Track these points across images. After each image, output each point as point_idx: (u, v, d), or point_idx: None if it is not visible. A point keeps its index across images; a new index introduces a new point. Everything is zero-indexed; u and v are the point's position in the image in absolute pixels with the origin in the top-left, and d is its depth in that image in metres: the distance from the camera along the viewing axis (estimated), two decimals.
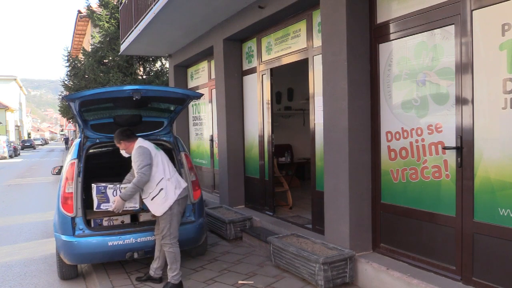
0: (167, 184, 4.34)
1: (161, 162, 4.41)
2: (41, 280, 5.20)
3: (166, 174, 4.39)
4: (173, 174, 4.49)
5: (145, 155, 4.31)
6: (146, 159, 4.29)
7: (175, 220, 4.38)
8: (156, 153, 4.43)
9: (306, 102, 6.75)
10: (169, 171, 4.43)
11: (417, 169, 4.07)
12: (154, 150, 4.45)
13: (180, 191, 4.42)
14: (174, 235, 4.39)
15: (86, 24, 21.72)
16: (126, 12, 9.94)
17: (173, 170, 4.54)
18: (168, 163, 4.52)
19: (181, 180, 4.59)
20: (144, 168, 4.26)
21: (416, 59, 4.05)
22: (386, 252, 4.44)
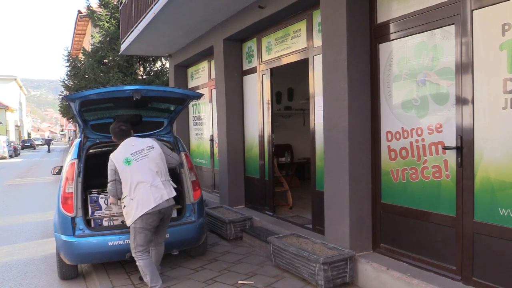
0: (130, 202, 4.17)
1: (130, 178, 4.17)
2: (41, 280, 5.20)
3: (133, 192, 4.16)
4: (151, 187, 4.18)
5: (110, 170, 4.24)
6: (110, 175, 4.23)
7: (139, 235, 4.18)
8: (123, 169, 4.18)
9: (306, 102, 6.75)
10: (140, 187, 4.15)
11: (417, 169, 4.07)
12: (123, 166, 4.18)
13: (148, 208, 4.10)
14: (139, 249, 4.21)
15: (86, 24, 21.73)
16: (126, 12, 9.94)
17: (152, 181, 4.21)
18: (147, 174, 4.21)
19: (164, 192, 4.25)
20: (109, 183, 4.26)
21: (416, 59, 4.05)
22: (386, 252, 4.44)
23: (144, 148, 4.37)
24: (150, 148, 4.40)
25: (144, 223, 4.15)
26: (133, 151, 4.31)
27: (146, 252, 4.26)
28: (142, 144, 4.41)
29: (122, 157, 4.25)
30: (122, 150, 4.35)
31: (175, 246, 5.00)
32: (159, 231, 4.48)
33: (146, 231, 4.19)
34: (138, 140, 4.50)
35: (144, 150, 4.35)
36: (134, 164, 4.22)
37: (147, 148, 4.38)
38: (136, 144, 4.40)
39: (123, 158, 4.24)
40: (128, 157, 4.25)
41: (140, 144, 4.40)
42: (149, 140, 4.52)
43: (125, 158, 4.24)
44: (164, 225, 4.50)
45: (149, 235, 4.25)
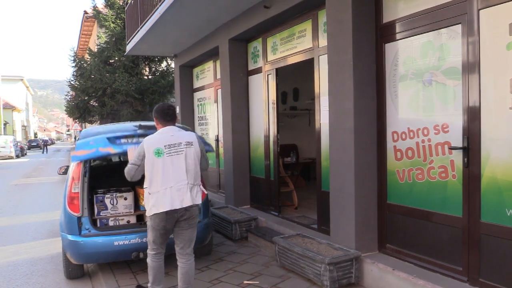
0: (147, 196, 3.83)
1: (152, 171, 3.77)
2: (47, 279, 5.22)
3: (153, 186, 3.78)
4: (171, 188, 3.77)
5: (137, 153, 3.85)
6: (136, 158, 3.84)
7: (150, 232, 3.92)
8: (152, 159, 3.76)
9: (311, 102, 6.74)
10: (159, 185, 3.76)
11: (423, 169, 4.05)
12: (152, 156, 3.75)
13: (161, 211, 3.76)
14: (150, 246, 3.97)
15: (92, 24, 21.82)
16: (131, 12, 9.97)
17: (176, 182, 3.79)
18: (172, 173, 3.79)
19: (187, 196, 3.83)
20: (129, 165, 3.88)
21: (422, 58, 4.03)
22: (392, 253, 4.42)
23: (182, 142, 3.86)
24: (189, 144, 3.89)
25: (153, 222, 3.85)
26: (169, 143, 3.82)
27: (158, 254, 3.98)
28: (181, 137, 3.89)
29: (155, 146, 3.79)
30: (158, 137, 3.87)
31: None
32: (178, 236, 3.98)
33: (155, 231, 3.87)
34: (179, 132, 3.96)
35: (181, 144, 3.85)
36: (164, 157, 3.77)
37: (185, 143, 3.87)
38: (175, 135, 3.89)
39: (155, 148, 3.78)
40: (161, 148, 3.78)
41: (179, 137, 3.88)
42: (190, 135, 3.99)
43: (157, 148, 3.77)
44: (182, 230, 3.95)
45: (159, 236, 3.89)
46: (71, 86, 18.45)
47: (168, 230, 3.91)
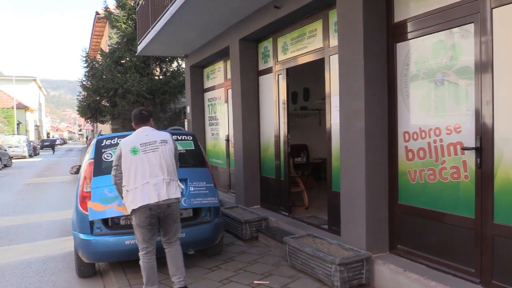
0: (126, 194, 4.03)
1: (130, 168, 3.99)
2: (59, 277, 5.28)
3: (130, 183, 3.98)
4: (148, 184, 3.95)
5: (116, 155, 4.12)
6: (115, 159, 4.11)
7: (137, 232, 4.06)
8: (129, 157, 4.00)
9: (322, 102, 6.72)
10: (138, 180, 3.96)
11: (435, 169, 4.02)
12: (129, 154, 3.99)
13: (138, 206, 3.93)
14: (140, 246, 4.09)
15: (104, 25, 21.96)
16: (143, 13, 10.03)
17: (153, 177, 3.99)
18: (148, 169, 3.99)
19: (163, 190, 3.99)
20: (113, 168, 4.14)
21: (434, 58, 4.00)
22: (403, 254, 4.39)
23: (157, 140, 4.12)
24: (163, 142, 4.15)
25: (137, 220, 3.99)
26: (144, 141, 4.08)
27: (148, 254, 4.09)
28: (156, 136, 4.17)
29: (131, 145, 4.05)
30: (133, 138, 4.16)
31: (191, 246, 5.02)
32: (164, 229, 4.18)
33: (141, 228, 4.01)
34: (153, 131, 4.24)
35: (156, 142, 4.11)
36: (140, 155, 4.01)
37: (160, 141, 4.13)
38: (150, 135, 4.16)
39: (131, 146, 4.04)
40: (136, 146, 4.04)
41: (153, 136, 4.16)
42: (164, 134, 4.27)
43: (133, 147, 4.03)
44: (168, 224, 4.15)
45: (146, 233, 4.03)
46: (83, 86, 18.61)
47: (154, 225, 4.07)
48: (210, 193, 5.13)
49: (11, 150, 30.08)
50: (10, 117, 43.12)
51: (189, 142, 5.47)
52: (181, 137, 5.42)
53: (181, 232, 4.86)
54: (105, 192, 4.44)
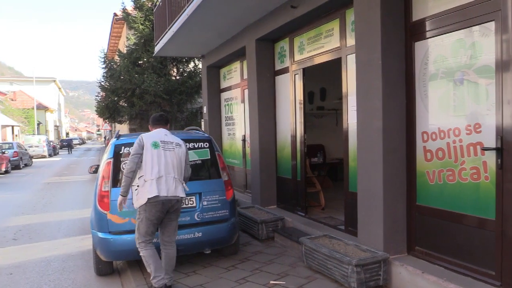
0: (143, 184, 4.21)
1: (151, 160, 4.22)
2: (78, 275, 5.35)
3: (148, 174, 4.20)
4: (162, 178, 4.20)
5: (136, 144, 4.30)
6: (135, 148, 4.28)
7: (142, 225, 4.24)
8: (150, 149, 4.25)
9: (339, 102, 6.68)
10: (155, 172, 4.19)
11: (454, 170, 3.96)
12: (150, 147, 4.25)
13: (152, 195, 4.13)
14: (142, 239, 4.27)
15: (122, 26, 22.18)
16: (160, 14, 10.11)
17: (167, 172, 4.24)
18: (165, 164, 4.25)
19: (172, 187, 4.24)
20: (131, 156, 4.28)
21: (453, 57, 3.94)
22: (422, 255, 4.33)
23: (173, 142, 4.44)
24: (178, 145, 4.47)
25: (147, 213, 4.19)
26: (164, 140, 4.39)
27: (149, 243, 4.29)
28: (173, 138, 4.49)
29: (152, 139, 4.34)
30: (155, 134, 4.46)
31: (207, 245, 5.05)
32: (166, 226, 4.40)
33: (148, 221, 4.22)
34: (171, 133, 4.58)
35: (173, 143, 4.42)
36: (160, 150, 4.30)
37: (176, 143, 4.45)
38: (168, 135, 4.49)
39: (153, 140, 4.32)
40: (157, 141, 4.33)
41: (171, 138, 4.48)
42: (179, 139, 4.57)
43: (154, 141, 4.32)
44: (171, 221, 4.40)
45: (151, 227, 4.27)
46: (101, 87, 18.83)
47: (159, 220, 4.31)
48: (222, 206, 5.18)
49: (32, 150, 30.65)
50: (30, 118, 43.93)
51: (204, 151, 5.37)
52: (198, 145, 5.35)
53: (197, 232, 4.91)
54: (124, 206, 4.48)
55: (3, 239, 7.36)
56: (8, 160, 21.10)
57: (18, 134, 39.53)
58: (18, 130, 40.11)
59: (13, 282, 5.19)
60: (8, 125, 37.23)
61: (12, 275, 5.44)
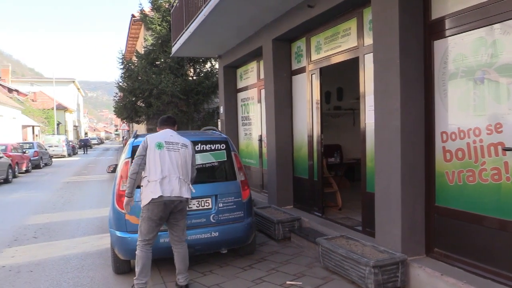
0: (147, 184, 4.24)
1: (154, 161, 4.24)
2: (96, 273, 5.41)
3: (152, 175, 4.22)
4: (165, 179, 4.22)
5: (141, 146, 4.34)
6: (140, 150, 4.33)
7: (144, 224, 4.27)
8: (154, 150, 4.26)
9: (356, 101, 6.63)
10: (159, 173, 4.20)
11: (474, 171, 3.89)
12: (154, 148, 4.27)
13: (155, 196, 4.15)
14: (142, 238, 4.29)
15: (140, 27, 22.39)
16: (177, 14, 10.18)
17: (171, 173, 4.25)
18: (169, 165, 4.26)
19: (177, 187, 4.25)
20: (136, 158, 4.31)
21: (473, 56, 3.87)
22: (440, 257, 4.27)
23: (179, 142, 4.44)
24: (184, 146, 4.46)
25: (150, 212, 4.22)
26: (169, 140, 4.40)
27: (149, 245, 4.31)
28: (179, 139, 4.49)
29: (157, 140, 4.36)
30: (160, 135, 4.49)
31: (224, 245, 5.06)
32: (174, 227, 4.43)
33: (151, 221, 4.25)
34: (177, 134, 4.59)
35: (178, 144, 4.42)
36: (164, 151, 4.31)
37: (181, 144, 4.45)
38: (174, 136, 4.50)
39: (157, 141, 4.34)
40: (162, 142, 4.35)
41: (177, 138, 4.48)
42: (186, 140, 4.56)
43: (159, 142, 4.34)
44: (177, 221, 4.41)
45: (153, 227, 4.28)
46: (119, 87, 19.02)
47: (162, 220, 4.34)
48: (238, 207, 5.18)
49: (51, 150, 31.15)
50: (50, 118, 44.69)
51: (221, 153, 5.36)
52: (214, 147, 5.34)
53: (214, 231, 4.92)
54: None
55: (23, 237, 7.50)
56: (28, 160, 21.49)
57: (39, 134, 40.27)
58: (38, 130, 40.86)
59: (34, 280, 5.28)
60: (28, 125, 37.95)
61: (32, 273, 5.54)
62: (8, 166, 16.74)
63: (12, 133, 31.25)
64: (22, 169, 20.08)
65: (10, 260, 6.12)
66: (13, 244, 7.00)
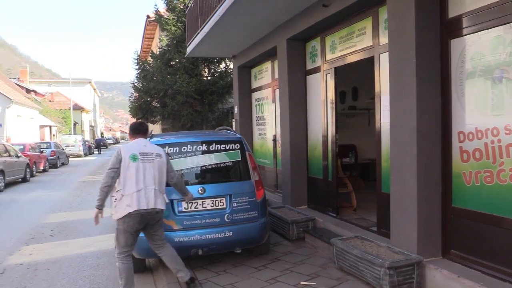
0: (120, 198, 4.19)
1: (129, 174, 4.16)
2: (112, 272, 5.46)
3: (127, 188, 4.16)
4: (141, 191, 4.16)
5: (114, 157, 4.24)
6: (112, 162, 4.22)
7: (120, 236, 4.22)
8: (128, 163, 4.17)
9: (371, 101, 6.57)
10: (133, 186, 4.15)
11: (492, 172, 3.82)
12: (129, 160, 4.18)
13: (131, 210, 4.12)
14: (120, 250, 4.24)
15: (155, 28, 22.52)
16: (192, 15, 10.22)
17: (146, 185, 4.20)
18: (144, 177, 4.20)
19: (152, 199, 4.21)
20: (108, 170, 4.22)
21: (492, 54, 3.81)
22: (457, 259, 4.21)
23: (153, 153, 4.35)
24: (158, 155, 4.37)
25: (126, 225, 4.17)
26: (143, 151, 4.30)
27: (127, 257, 4.27)
28: (152, 149, 4.40)
29: (131, 152, 4.25)
30: (133, 146, 4.37)
31: (238, 244, 5.06)
32: (153, 237, 4.42)
33: (127, 233, 4.20)
34: (151, 144, 4.52)
35: (152, 154, 4.33)
36: (139, 163, 4.22)
37: (155, 154, 4.36)
38: (148, 146, 4.41)
39: (131, 153, 4.24)
40: (136, 154, 4.25)
41: (151, 148, 4.40)
42: (159, 149, 4.49)
43: (133, 154, 4.24)
44: (155, 231, 4.40)
45: (130, 238, 4.24)
46: (135, 87, 19.17)
47: (138, 231, 4.29)
48: (252, 207, 5.18)
49: (68, 149, 31.55)
50: (67, 118, 45.31)
51: (235, 153, 5.34)
52: (228, 147, 5.32)
53: (228, 231, 4.93)
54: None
55: (41, 235, 7.61)
56: (46, 159, 21.81)
57: (56, 134, 40.86)
58: (55, 130, 41.46)
59: (51, 277, 5.36)
60: (46, 125, 38.51)
61: (49, 270, 5.62)
62: (26, 165, 17.01)
63: (30, 133, 31.77)
64: (39, 169, 20.38)
65: (28, 257, 6.22)
66: (31, 242, 7.11)
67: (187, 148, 5.17)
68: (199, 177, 5.22)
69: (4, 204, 11.26)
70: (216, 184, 5.15)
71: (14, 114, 29.34)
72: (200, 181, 5.18)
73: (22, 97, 34.14)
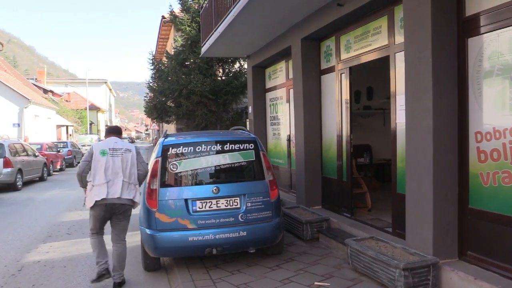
0: (91, 188, 4.67)
1: (98, 167, 4.66)
2: (127, 269, 5.47)
3: (96, 179, 4.65)
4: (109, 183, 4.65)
5: (87, 152, 4.80)
6: (85, 156, 4.79)
7: (90, 220, 4.81)
8: (98, 157, 4.69)
9: (386, 101, 6.51)
10: (102, 178, 4.62)
11: (510, 172, 3.76)
12: (98, 155, 4.69)
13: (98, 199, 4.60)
14: (91, 231, 4.84)
15: (169, 28, 22.66)
16: (206, 15, 10.26)
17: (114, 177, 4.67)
18: (112, 169, 4.67)
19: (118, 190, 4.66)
20: (81, 162, 4.81)
21: (510, 53, 3.74)
22: (474, 261, 4.15)
23: (122, 148, 4.82)
24: (127, 151, 4.83)
25: (95, 212, 4.71)
26: (113, 147, 4.78)
27: (97, 235, 4.83)
28: (122, 145, 4.87)
29: (101, 148, 4.77)
30: (105, 143, 4.91)
31: (252, 244, 5.06)
32: (115, 226, 4.86)
33: (95, 219, 4.76)
34: (121, 141, 4.96)
35: (122, 149, 4.80)
36: (108, 157, 4.70)
37: (125, 149, 4.82)
38: (118, 143, 4.88)
39: (101, 149, 4.75)
40: (106, 149, 4.74)
41: (120, 145, 4.86)
42: (130, 145, 4.97)
43: (103, 149, 4.74)
44: (119, 220, 4.83)
45: (98, 224, 4.78)
46: (150, 88, 19.33)
47: (106, 219, 4.82)
48: (266, 207, 5.18)
49: (85, 149, 31.78)
50: (83, 118, 45.87)
51: (250, 152, 5.33)
52: (243, 146, 5.31)
53: (242, 231, 4.93)
54: (171, 206, 4.88)
55: (57, 233, 7.71)
56: (62, 158, 22.10)
57: (72, 134, 41.36)
58: (72, 129, 41.96)
59: (67, 275, 5.43)
60: (62, 125, 39.01)
61: (65, 268, 5.69)
62: (43, 164, 17.26)
63: (47, 132, 32.21)
64: (56, 168, 20.66)
65: (45, 255, 6.31)
66: (48, 240, 7.22)
67: (202, 147, 5.19)
68: (213, 177, 5.23)
69: (22, 203, 11.45)
70: (230, 183, 5.16)
71: (31, 114, 29.77)
72: (214, 180, 5.19)
73: (40, 97, 34.62)
